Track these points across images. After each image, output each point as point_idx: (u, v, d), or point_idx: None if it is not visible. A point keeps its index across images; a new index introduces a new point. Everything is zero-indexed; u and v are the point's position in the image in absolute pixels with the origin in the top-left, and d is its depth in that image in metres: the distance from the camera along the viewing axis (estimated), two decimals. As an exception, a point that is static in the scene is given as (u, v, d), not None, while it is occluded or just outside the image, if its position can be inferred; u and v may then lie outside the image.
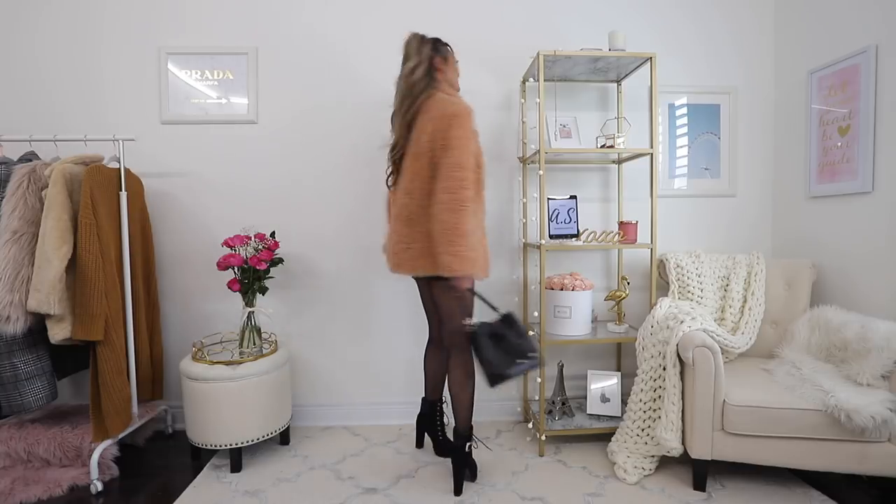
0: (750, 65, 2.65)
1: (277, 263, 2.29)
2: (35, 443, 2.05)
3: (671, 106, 2.63)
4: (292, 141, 2.53)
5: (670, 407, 1.94)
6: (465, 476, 1.96)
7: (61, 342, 1.96)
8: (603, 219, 2.62)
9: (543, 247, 2.19)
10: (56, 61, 2.45)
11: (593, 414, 2.38)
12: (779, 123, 2.65)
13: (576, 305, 2.26)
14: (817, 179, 2.39)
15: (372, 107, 2.48)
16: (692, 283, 2.34)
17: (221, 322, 2.50)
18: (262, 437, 2.13)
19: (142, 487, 2.00)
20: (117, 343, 2.05)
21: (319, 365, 2.59)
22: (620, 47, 2.22)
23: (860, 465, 1.76)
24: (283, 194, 2.53)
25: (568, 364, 2.52)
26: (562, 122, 2.42)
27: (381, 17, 2.53)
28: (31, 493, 1.87)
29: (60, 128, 2.35)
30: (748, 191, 2.68)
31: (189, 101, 2.50)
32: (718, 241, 2.65)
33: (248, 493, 1.93)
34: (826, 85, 2.33)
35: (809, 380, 1.87)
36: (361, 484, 1.99)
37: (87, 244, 1.95)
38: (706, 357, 1.85)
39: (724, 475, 1.99)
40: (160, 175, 2.48)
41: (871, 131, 2.10)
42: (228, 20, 2.50)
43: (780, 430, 1.79)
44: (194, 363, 2.11)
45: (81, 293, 1.93)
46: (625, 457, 2.06)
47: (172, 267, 2.52)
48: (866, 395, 1.73)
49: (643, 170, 2.40)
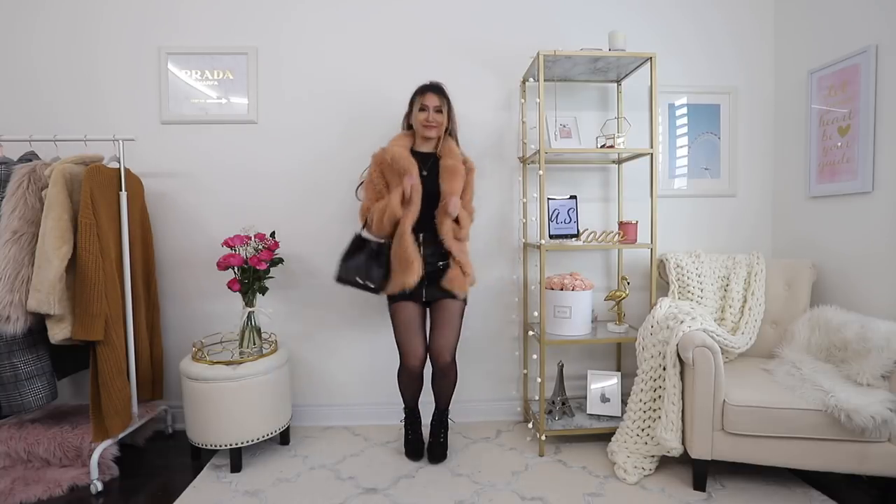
0: (750, 65, 2.65)
1: (277, 263, 2.29)
2: (35, 443, 2.05)
3: (671, 106, 2.63)
4: (292, 141, 2.53)
5: (670, 407, 1.94)
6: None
7: (61, 342, 1.96)
8: (603, 219, 2.62)
9: (543, 247, 2.19)
10: (55, 61, 2.45)
11: (593, 414, 2.38)
12: (779, 123, 2.65)
13: (576, 305, 2.26)
14: (817, 179, 2.39)
15: (373, 107, 2.49)
16: (692, 283, 2.34)
17: (222, 322, 2.50)
18: (262, 437, 2.13)
19: (142, 487, 2.00)
20: (117, 343, 2.05)
21: (319, 365, 2.59)
22: (620, 47, 2.22)
23: (860, 465, 1.76)
24: (284, 194, 2.53)
25: (568, 364, 2.52)
26: (562, 122, 2.42)
27: (382, 16, 2.52)
28: (31, 493, 1.87)
29: (60, 128, 2.34)
30: (748, 191, 2.68)
31: (189, 101, 2.50)
32: (718, 241, 2.65)
33: (248, 493, 1.93)
34: (826, 85, 2.33)
35: (809, 380, 1.87)
36: (361, 484, 1.99)
37: (86, 244, 1.94)
38: (706, 357, 1.85)
39: (724, 475, 1.99)
40: (160, 175, 2.48)
41: (872, 131, 2.10)
42: (228, 20, 2.50)
43: (780, 430, 1.79)
44: (194, 363, 2.11)
45: (81, 293, 1.93)
46: (625, 457, 2.06)
47: (172, 267, 2.52)
48: (866, 395, 1.73)
49: (643, 170, 2.40)
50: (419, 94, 2.13)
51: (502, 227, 2.60)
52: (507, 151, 2.58)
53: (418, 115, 2.12)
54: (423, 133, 2.13)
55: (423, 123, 2.11)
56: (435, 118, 2.11)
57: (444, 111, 2.13)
